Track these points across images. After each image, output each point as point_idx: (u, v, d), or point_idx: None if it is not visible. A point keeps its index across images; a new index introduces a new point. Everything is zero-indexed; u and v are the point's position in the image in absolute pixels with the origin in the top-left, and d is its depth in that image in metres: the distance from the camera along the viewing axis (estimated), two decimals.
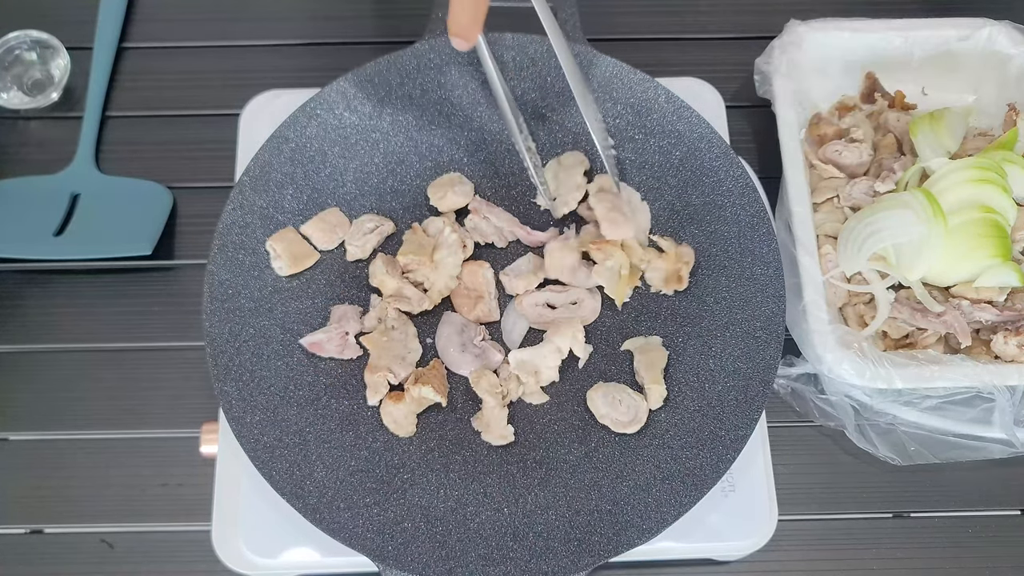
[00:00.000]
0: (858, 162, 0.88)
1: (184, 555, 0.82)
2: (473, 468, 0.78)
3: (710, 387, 0.80)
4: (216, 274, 0.80)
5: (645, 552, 0.75)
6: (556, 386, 0.82)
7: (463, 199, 0.86)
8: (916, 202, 0.81)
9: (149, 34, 1.03)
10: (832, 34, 0.93)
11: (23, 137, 0.98)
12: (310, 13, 1.04)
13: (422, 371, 0.79)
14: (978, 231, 0.81)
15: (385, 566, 0.72)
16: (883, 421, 0.83)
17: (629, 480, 0.77)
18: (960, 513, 0.86)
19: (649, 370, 0.80)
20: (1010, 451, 0.81)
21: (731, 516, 0.79)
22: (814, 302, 0.81)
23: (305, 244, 0.83)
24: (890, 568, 0.84)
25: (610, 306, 0.85)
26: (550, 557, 0.73)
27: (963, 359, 0.79)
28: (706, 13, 1.05)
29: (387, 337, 0.80)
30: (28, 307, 0.91)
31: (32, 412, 0.87)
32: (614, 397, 0.79)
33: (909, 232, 0.80)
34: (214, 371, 0.76)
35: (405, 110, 0.88)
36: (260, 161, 0.83)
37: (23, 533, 0.84)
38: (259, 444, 0.75)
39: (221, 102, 0.98)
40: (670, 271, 0.84)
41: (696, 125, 0.86)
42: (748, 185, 0.84)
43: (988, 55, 0.93)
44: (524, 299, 0.83)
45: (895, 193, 0.85)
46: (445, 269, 0.83)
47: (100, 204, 0.93)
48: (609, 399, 0.79)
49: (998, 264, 0.80)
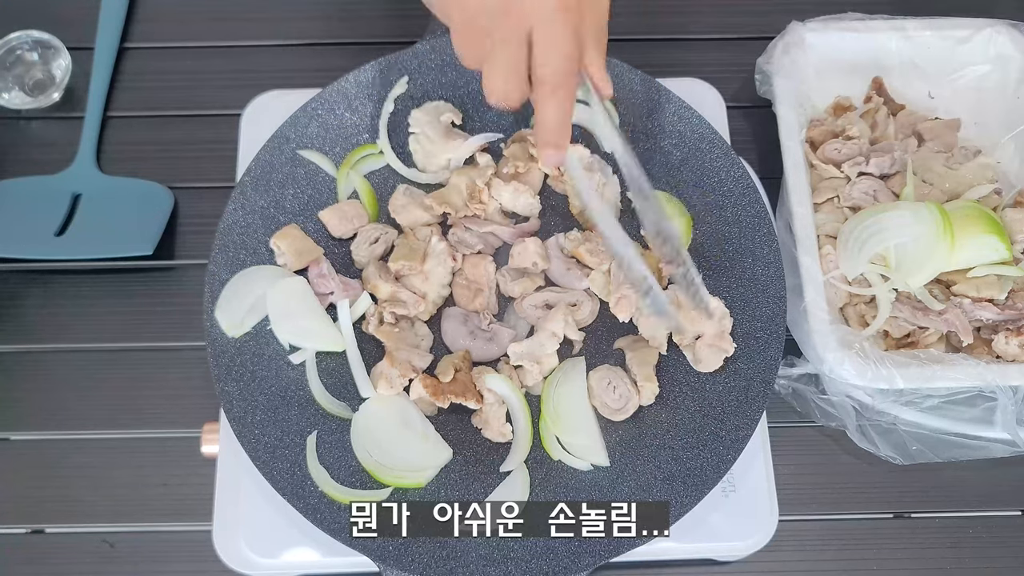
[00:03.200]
0: (857, 154, 0.88)
1: (185, 555, 0.82)
2: (474, 468, 0.78)
3: (710, 387, 0.80)
4: (217, 274, 0.80)
5: (645, 552, 0.75)
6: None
7: (424, 213, 0.85)
8: (930, 216, 0.81)
9: (150, 34, 1.03)
10: (833, 35, 0.93)
11: (24, 137, 0.98)
12: (310, 13, 1.04)
13: (449, 385, 0.78)
14: (966, 214, 0.82)
15: (385, 566, 0.72)
16: (884, 421, 0.82)
17: (629, 480, 0.76)
18: (961, 513, 0.85)
19: (641, 367, 0.80)
20: (1012, 450, 0.81)
21: (732, 516, 0.79)
22: (815, 302, 0.81)
23: (308, 240, 0.83)
24: (891, 568, 0.84)
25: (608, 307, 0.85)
26: (550, 557, 0.73)
27: (965, 358, 0.79)
28: (706, 13, 1.05)
29: (398, 328, 0.81)
30: (29, 307, 0.91)
31: (32, 412, 0.87)
32: (610, 381, 0.80)
33: (910, 232, 0.80)
34: (215, 371, 0.76)
35: (405, 111, 0.88)
36: (261, 161, 0.83)
37: (23, 533, 0.84)
38: (259, 444, 0.75)
39: (222, 102, 0.98)
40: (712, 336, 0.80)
41: (697, 125, 0.86)
42: (749, 185, 0.84)
43: (989, 56, 0.93)
44: (524, 301, 0.83)
45: (902, 201, 0.85)
46: (436, 278, 0.83)
47: (101, 204, 0.93)
48: (605, 382, 0.80)
49: (994, 240, 0.81)
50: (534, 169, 0.87)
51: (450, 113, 0.87)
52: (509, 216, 0.88)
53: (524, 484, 0.76)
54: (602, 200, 0.81)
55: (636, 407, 0.79)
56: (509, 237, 0.86)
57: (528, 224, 0.87)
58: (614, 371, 0.80)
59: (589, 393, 0.80)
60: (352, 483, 0.75)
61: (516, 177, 0.86)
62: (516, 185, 0.86)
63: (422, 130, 0.86)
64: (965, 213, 0.82)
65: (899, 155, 0.87)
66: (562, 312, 0.81)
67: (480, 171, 0.85)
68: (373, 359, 0.81)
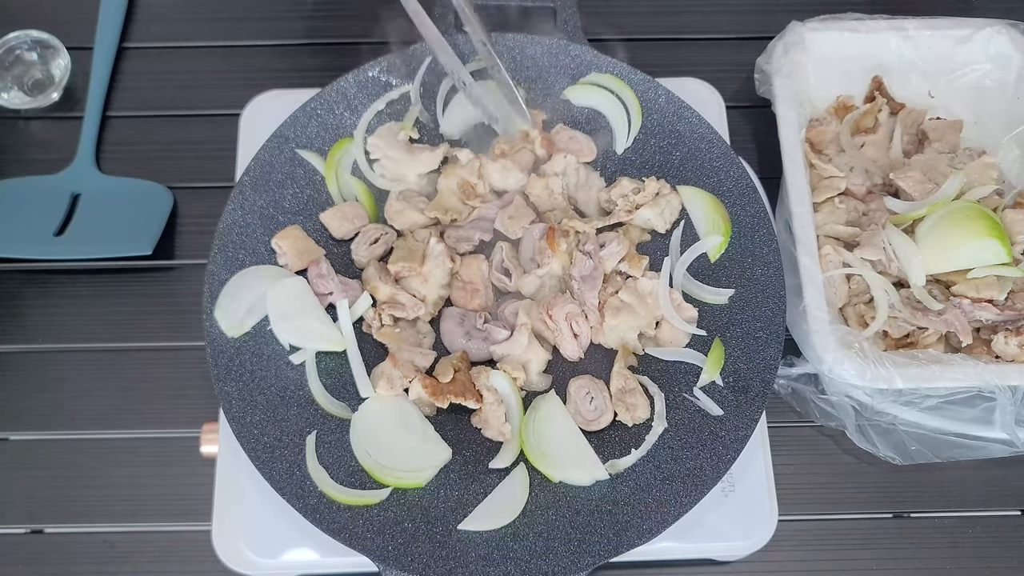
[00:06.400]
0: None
1: (184, 555, 0.82)
2: (473, 468, 0.78)
3: (710, 387, 0.79)
4: (216, 274, 0.80)
5: (645, 552, 0.75)
6: (556, 386, 0.82)
7: (420, 216, 0.85)
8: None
9: (149, 34, 1.03)
10: (833, 34, 0.93)
11: (23, 137, 0.98)
12: (310, 13, 1.04)
13: (448, 385, 0.78)
14: (967, 215, 0.82)
15: (385, 566, 0.72)
16: (884, 421, 0.83)
17: (629, 480, 0.77)
18: (960, 513, 0.85)
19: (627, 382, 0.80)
20: (1011, 450, 0.81)
21: (731, 516, 0.79)
22: (814, 302, 0.81)
23: (309, 241, 0.83)
24: (890, 568, 0.84)
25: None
26: (550, 557, 0.73)
27: (964, 358, 0.79)
28: (706, 13, 1.05)
29: (399, 328, 0.81)
30: (28, 307, 0.91)
31: (32, 412, 0.87)
32: (589, 391, 0.80)
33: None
34: (214, 371, 0.76)
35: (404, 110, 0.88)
36: (260, 161, 0.83)
37: (23, 533, 0.84)
38: (259, 444, 0.75)
39: (221, 102, 0.98)
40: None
41: (696, 125, 0.86)
42: (748, 185, 0.84)
43: (989, 56, 0.93)
44: (505, 309, 0.83)
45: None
46: (435, 279, 0.83)
47: (100, 204, 0.93)
48: (584, 391, 0.80)
49: (994, 243, 0.81)
50: (525, 151, 0.87)
51: (404, 130, 0.86)
52: (500, 196, 0.88)
53: (523, 484, 0.76)
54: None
55: (609, 422, 0.79)
56: (495, 213, 0.85)
57: (509, 194, 0.86)
58: (596, 383, 0.80)
59: (566, 399, 0.80)
60: (351, 483, 0.75)
61: (504, 155, 0.86)
62: (504, 163, 0.85)
63: (384, 154, 0.86)
64: (966, 214, 0.82)
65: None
66: (524, 308, 0.81)
67: (467, 168, 0.85)
68: (373, 359, 0.80)
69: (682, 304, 0.82)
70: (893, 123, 0.93)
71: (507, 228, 0.84)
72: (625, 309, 0.81)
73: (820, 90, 0.94)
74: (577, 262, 0.82)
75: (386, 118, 0.88)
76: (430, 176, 0.87)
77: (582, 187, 0.87)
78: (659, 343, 0.82)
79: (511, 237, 0.84)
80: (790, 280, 0.82)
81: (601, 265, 0.82)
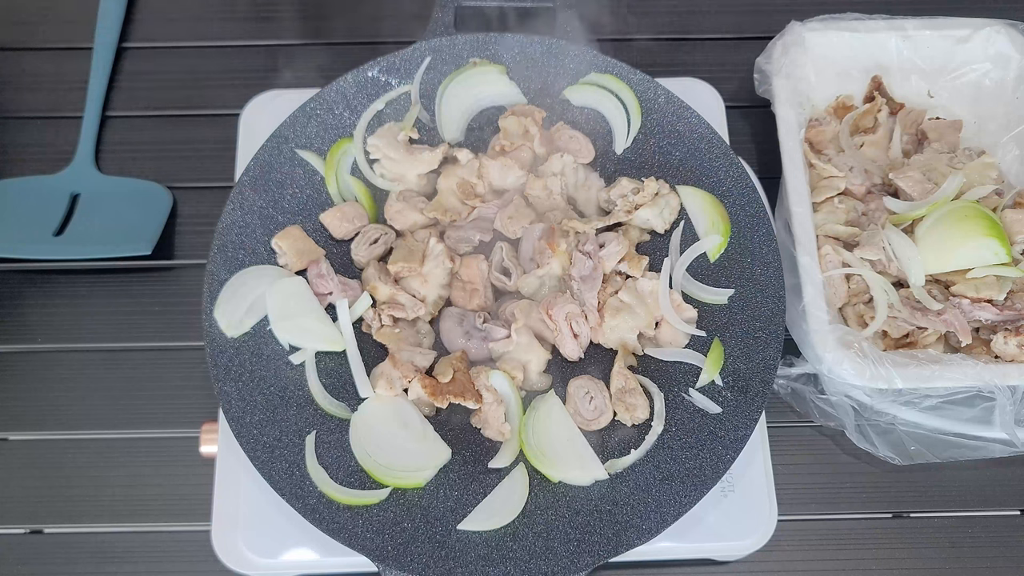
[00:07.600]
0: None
1: (184, 555, 0.83)
2: (472, 468, 0.78)
3: (709, 387, 0.80)
4: (215, 274, 0.80)
5: (645, 552, 0.75)
6: (556, 386, 0.82)
7: (420, 216, 0.85)
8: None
9: (149, 34, 1.03)
10: (833, 34, 0.93)
11: (23, 137, 0.98)
12: (310, 13, 1.04)
13: (448, 385, 0.78)
14: (966, 215, 0.82)
15: (385, 566, 0.72)
16: (883, 421, 0.83)
17: (629, 480, 0.77)
18: (960, 513, 0.86)
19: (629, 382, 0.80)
20: (1010, 450, 0.81)
21: (731, 516, 0.79)
22: (814, 302, 0.81)
23: (309, 241, 0.83)
24: (890, 568, 0.84)
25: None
26: (550, 557, 0.73)
27: (963, 358, 0.79)
28: (706, 13, 1.05)
29: (399, 328, 0.81)
30: (28, 307, 0.91)
31: (32, 412, 0.87)
32: (588, 391, 0.80)
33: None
34: (213, 371, 0.76)
35: (404, 110, 0.88)
36: (260, 161, 0.83)
37: (23, 533, 0.84)
38: (258, 444, 0.75)
39: (221, 102, 0.98)
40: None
41: (696, 125, 0.86)
42: (748, 185, 0.84)
43: (989, 56, 0.93)
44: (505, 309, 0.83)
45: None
46: (435, 280, 0.83)
47: (100, 204, 0.93)
48: (583, 391, 0.80)
49: (993, 243, 0.81)
50: (525, 147, 0.87)
51: (404, 131, 0.86)
52: (500, 196, 0.88)
53: (523, 484, 0.76)
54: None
55: (608, 422, 0.79)
56: (495, 213, 0.85)
57: (508, 194, 0.86)
58: (595, 383, 0.80)
59: (566, 399, 0.80)
60: (351, 483, 0.75)
61: (504, 153, 0.86)
62: (504, 160, 0.85)
63: (383, 154, 0.86)
64: (965, 214, 0.82)
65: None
66: (520, 308, 0.81)
67: (466, 168, 0.85)
68: (373, 359, 0.81)
69: (681, 304, 0.82)
70: (892, 123, 0.93)
71: (507, 228, 0.84)
72: (625, 309, 0.81)
73: (819, 90, 0.94)
74: (577, 262, 0.82)
75: (386, 118, 0.88)
76: (430, 176, 0.87)
77: (581, 187, 0.87)
78: (659, 343, 0.82)
79: (511, 237, 0.84)
80: (789, 280, 0.82)
81: (601, 265, 0.82)
